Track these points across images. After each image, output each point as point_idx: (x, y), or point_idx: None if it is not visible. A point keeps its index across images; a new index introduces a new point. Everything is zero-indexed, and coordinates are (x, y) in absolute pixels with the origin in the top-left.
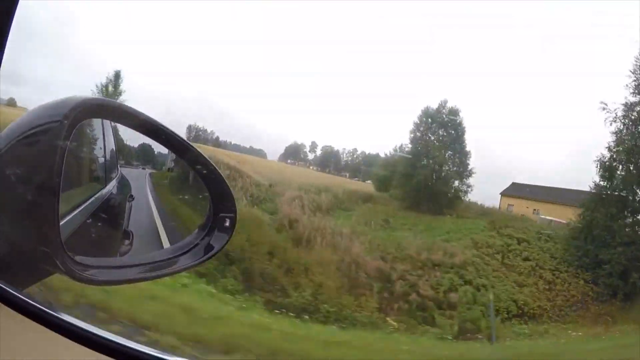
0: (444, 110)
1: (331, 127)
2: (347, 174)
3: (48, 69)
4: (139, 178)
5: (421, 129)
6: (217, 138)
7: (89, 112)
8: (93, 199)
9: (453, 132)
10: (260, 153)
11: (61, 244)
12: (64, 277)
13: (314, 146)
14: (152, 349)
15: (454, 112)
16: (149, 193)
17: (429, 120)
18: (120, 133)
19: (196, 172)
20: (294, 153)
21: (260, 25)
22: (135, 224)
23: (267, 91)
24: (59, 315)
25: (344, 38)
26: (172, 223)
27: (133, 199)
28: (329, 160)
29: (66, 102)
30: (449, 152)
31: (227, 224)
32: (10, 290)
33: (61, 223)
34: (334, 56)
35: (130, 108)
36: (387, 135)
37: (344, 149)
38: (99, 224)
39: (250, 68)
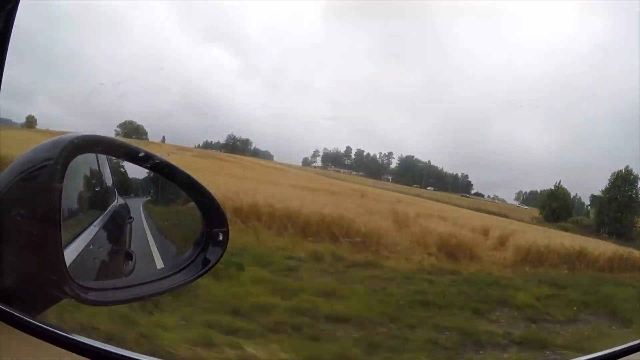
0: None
1: (365, 132)
2: (390, 178)
3: (32, 78)
4: (136, 205)
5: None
6: (255, 148)
7: (79, 149)
8: (94, 225)
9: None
10: (266, 155)
11: (66, 271)
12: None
13: (348, 151)
14: None
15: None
16: (144, 218)
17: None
18: (120, 164)
19: (186, 192)
20: (335, 159)
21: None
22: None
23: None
24: (71, 336)
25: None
26: (165, 242)
27: (132, 220)
28: (383, 167)
29: (58, 142)
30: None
31: (221, 238)
32: (25, 317)
33: (65, 251)
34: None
35: (118, 140)
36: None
37: (381, 152)
38: (100, 248)
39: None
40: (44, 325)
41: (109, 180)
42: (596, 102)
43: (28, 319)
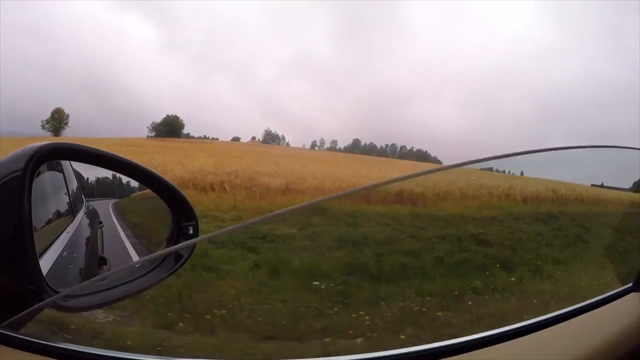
0: None
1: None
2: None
3: None
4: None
5: None
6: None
7: (45, 157)
8: (64, 233)
9: None
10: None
11: (44, 280)
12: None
13: (356, 143)
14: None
15: None
16: (115, 220)
17: None
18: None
19: (153, 190)
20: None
21: None
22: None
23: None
24: (56, 344)
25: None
26: (139, 240)
27: (103, 225)
28: None
29: (24, 153)
30: None
31: (191, 231)
32: (8, 333)
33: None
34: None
35: (82, 146)
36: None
37: (386, 144)
38: (74, 254)
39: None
40: (26, 337)
41: (74, 185)
42: (523, 95)
43: (9, 333)
